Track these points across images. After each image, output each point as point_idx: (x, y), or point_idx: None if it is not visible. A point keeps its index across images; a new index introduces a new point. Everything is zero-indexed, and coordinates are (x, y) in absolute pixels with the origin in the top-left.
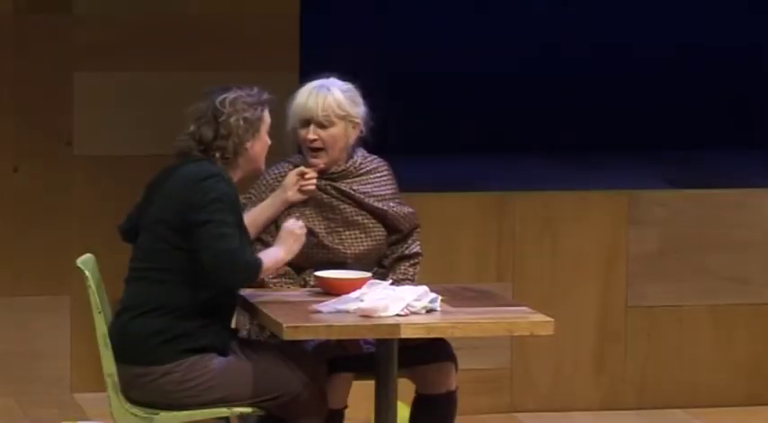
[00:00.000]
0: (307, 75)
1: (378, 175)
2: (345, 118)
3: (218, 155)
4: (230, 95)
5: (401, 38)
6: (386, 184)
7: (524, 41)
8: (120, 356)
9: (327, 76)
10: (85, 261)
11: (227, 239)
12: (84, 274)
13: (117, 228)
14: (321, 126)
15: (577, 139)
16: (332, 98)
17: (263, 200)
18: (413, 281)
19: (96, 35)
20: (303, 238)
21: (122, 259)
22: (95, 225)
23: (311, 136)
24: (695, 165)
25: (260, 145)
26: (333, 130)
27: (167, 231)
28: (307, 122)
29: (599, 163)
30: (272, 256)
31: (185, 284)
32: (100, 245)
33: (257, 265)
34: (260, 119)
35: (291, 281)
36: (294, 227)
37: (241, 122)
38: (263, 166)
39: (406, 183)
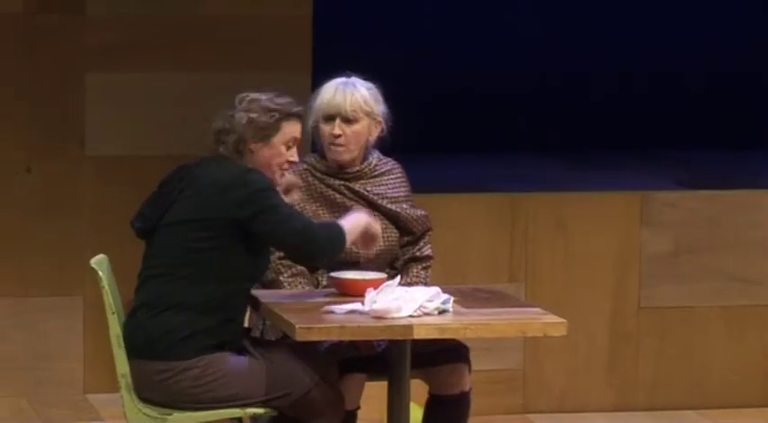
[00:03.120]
0: (319, 75)
1: (392, 177)
2: (370, 115)
3: (221, 148)
4: (252, 95)
5: (412, 38)
6: (399, 187)
7: (537, 41)
8: (137, 353)
9: (348, 76)
10: (99, 262)
11: (296, 217)
12: (98, 274)
13: (132, 226)
14: (346, 121)
15: (590, 140)
16: (359, 94)
17: None
18: (425, 284)
19: (108, 36)
20: (376, 240)
21: (135, 259)
22: (108, 225)
23: (336, 131)
24: (708, 165)
25: (269, 152)
26: (357, 127)
27: (195, 231)
28: (332, 117)
29: (611, 164)
30: (352, 221)
31: (206, 282)
32: (112, 245)
33: (338, 227)
34: (273, 127)
35: (305, 280)
36: (375, 226)
37: (244, 121)
38: (276, 178)
39: (416, 183)
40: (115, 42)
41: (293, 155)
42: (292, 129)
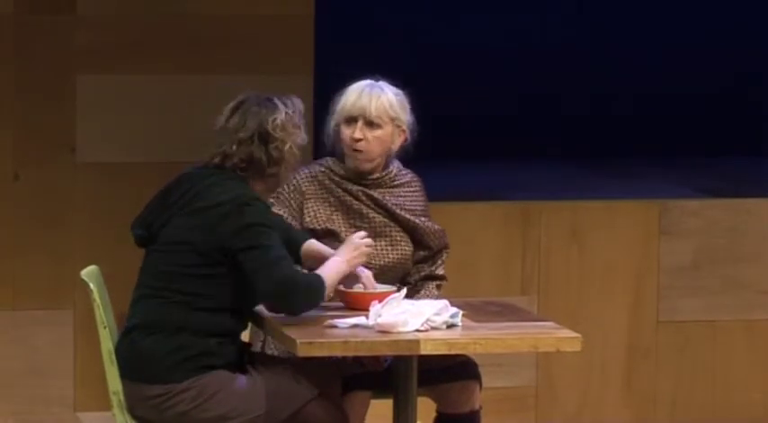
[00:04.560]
0: (321, 78)
1: (411, 189)
2: (394, 121)
3: (268, 180)
4: (279, 117)
5: (420, 40)
6: (418, 199)
7: (549, 47)
8: (131, 375)
9: (377, 79)
10: (90, 273)
11: (282, 264)
12: (89, 287)
13: (132, 230)
14: (369, 125)
15: (606, 147)
16: (385, 98)
17: (291, 202)
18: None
19: (101, 36)
20: (365, 256)
21: (128, 270)
22: (100, 235)
23: (357, 135)
24: (729, 172)
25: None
26: (380, 132)
27: (192, 254)
28: (354, 120)
29: (628, 171)
30: (333, 270)
31: (203, 308)
32: (104, 256)
33: (319, 283)
34: (304, 138)
35: None
36: (359, 241)
37: (295, 150)
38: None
39: (427, 191)
40: (108, 43)
41: None
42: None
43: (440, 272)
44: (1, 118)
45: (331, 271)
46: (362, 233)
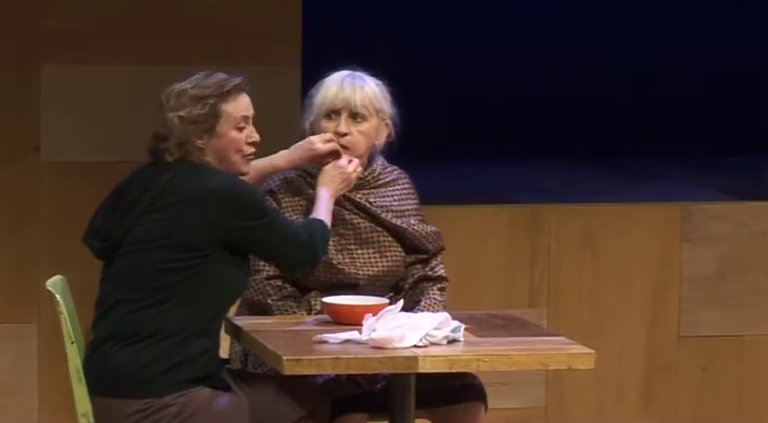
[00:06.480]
0: (309, 69)
1: (398, 187)
2: (379, 114)
3: (166, 156)
4: (177, 87)
5: (421, 36)
6: (407, 199)
7: (560, 44)
8: (104, 391)
9: (354, 70)
10: (56, 283)
11: (294, 228)
12: (55, 298)
13: (87, 243)
14: (353, 118)
15: (623, 145)
16: (369, 88)
17: None
18: (445, 309)
19: (69, 23)
20: (352, 183)
21: (97, 280)
22: (66, 242)
23: (342, 128)
24: (757, 173)
25: (220, 142)
26: (365, 126)
27: (167, 250)
28: (336, 113)
29: (647, 171)
30: (326, 210)
31: (183, 307)
32: (71, 265)
33: (327, 230)
34: (213, 115)
35: (296, 304)
36: (350, 170)
37: (176, 121)
38: (243, 168)
39: (425, 194)
40: (76, 30)
41: (251, 134)
42: (235, 107)
43: (439, 273)
44: None
45: (328, 212)
46: (346, 159)
